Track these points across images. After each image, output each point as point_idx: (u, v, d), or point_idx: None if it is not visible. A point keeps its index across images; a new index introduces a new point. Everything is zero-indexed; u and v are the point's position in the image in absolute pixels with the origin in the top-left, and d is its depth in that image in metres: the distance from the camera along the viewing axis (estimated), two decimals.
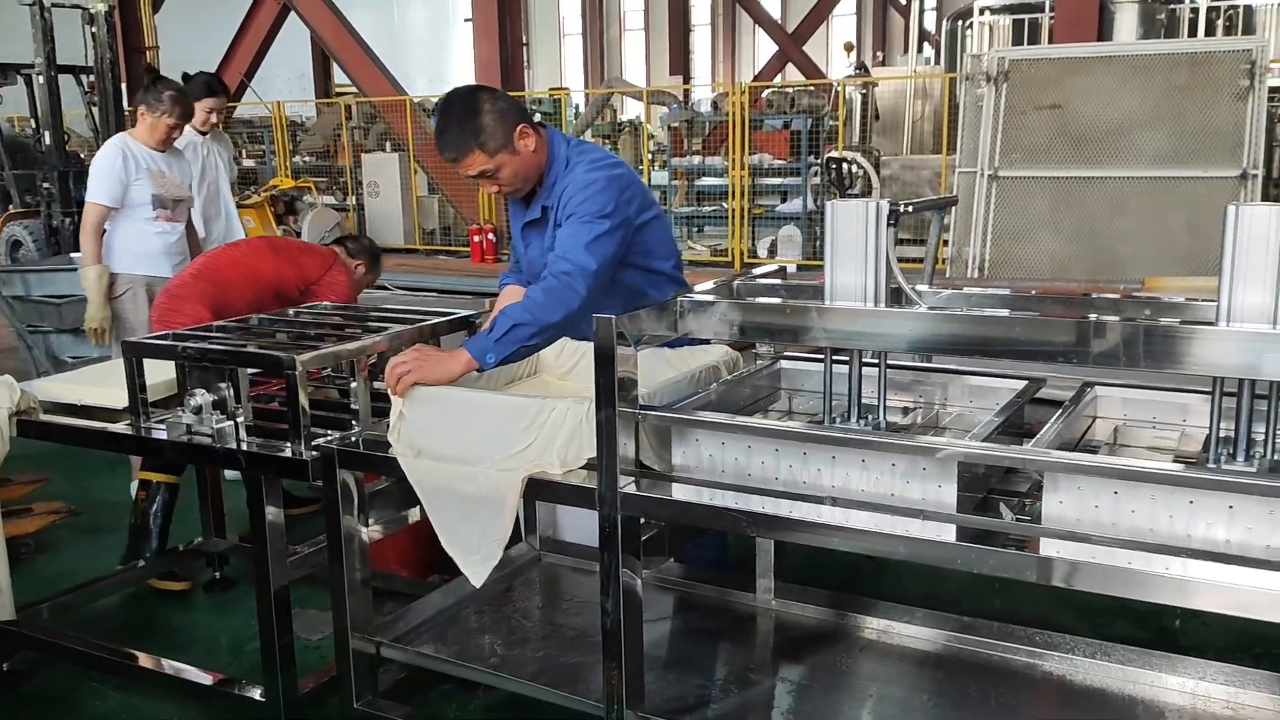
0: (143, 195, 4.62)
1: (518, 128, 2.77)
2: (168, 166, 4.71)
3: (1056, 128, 9.31)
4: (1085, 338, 1.88)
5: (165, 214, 4.67)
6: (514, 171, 2.82)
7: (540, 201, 2.93)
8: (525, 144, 2.79)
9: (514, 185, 2.87)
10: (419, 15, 34.36)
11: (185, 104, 4.68)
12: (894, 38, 31.68)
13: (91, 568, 4.04)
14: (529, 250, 3.03)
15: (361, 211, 14.44)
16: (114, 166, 4.57)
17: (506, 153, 2.77)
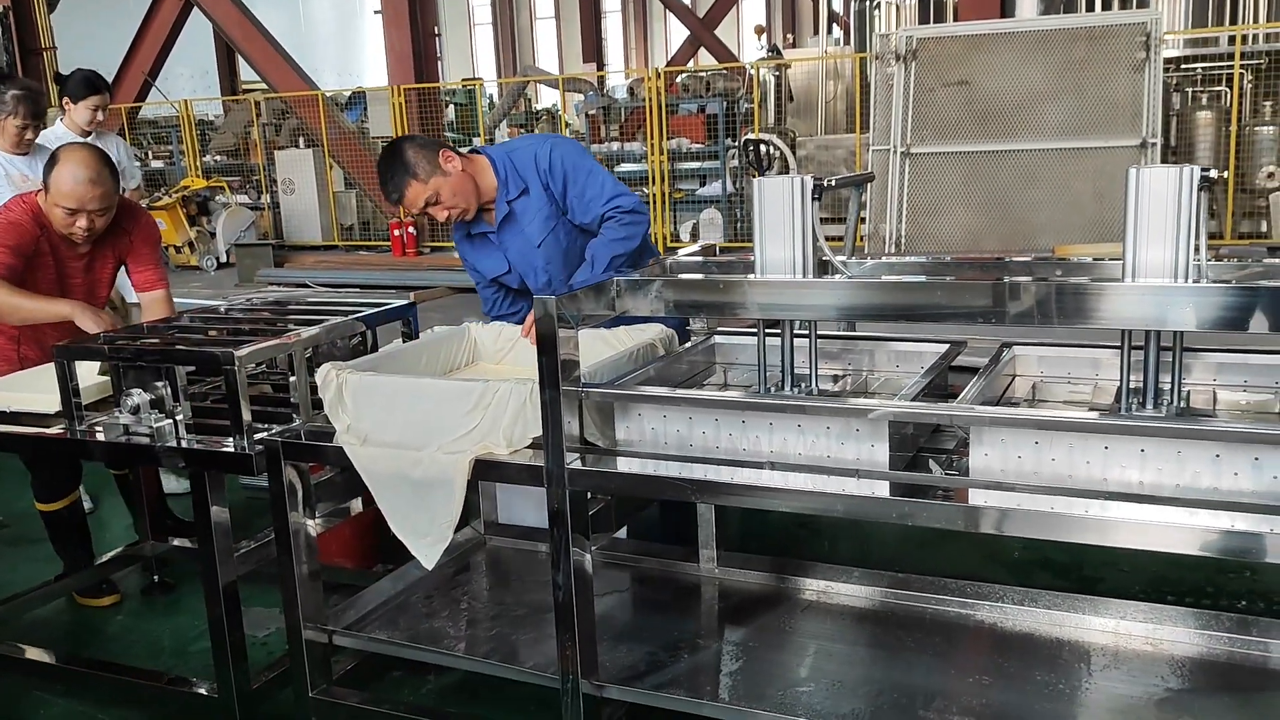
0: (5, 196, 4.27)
1: (440, 152, 3.11)
2: (30, 169, 4.42)
3: (964, 103, 9.57)
4: (1002, 299, 1.99)
5: None
6: (452, 190, 3.10)
7: (502, 201, 3.20)
8: (452, 165, 3.10)
9: (459, 203, 3.14)
10: (325, 9, 33.79)
11: (33, 102, 4.43)
12: (804, 20, 32.06)
13: (18, 580, 3.97)
14: (512, 255, 3.27)
15: (277, 209, 14.24)
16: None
17: (438, 176, 3.08)
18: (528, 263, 3.26)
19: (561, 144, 3.24)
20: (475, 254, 3.36)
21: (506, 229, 3.23)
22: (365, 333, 3.19)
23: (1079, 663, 2.50)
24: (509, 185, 3.18)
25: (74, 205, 3.31)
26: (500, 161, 3.20)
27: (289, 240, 13.92)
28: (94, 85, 5.02)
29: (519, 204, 3.20)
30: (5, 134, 4.42)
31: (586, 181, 3.13)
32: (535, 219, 3.20)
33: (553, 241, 3.21)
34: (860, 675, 2.53)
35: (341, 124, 13.81)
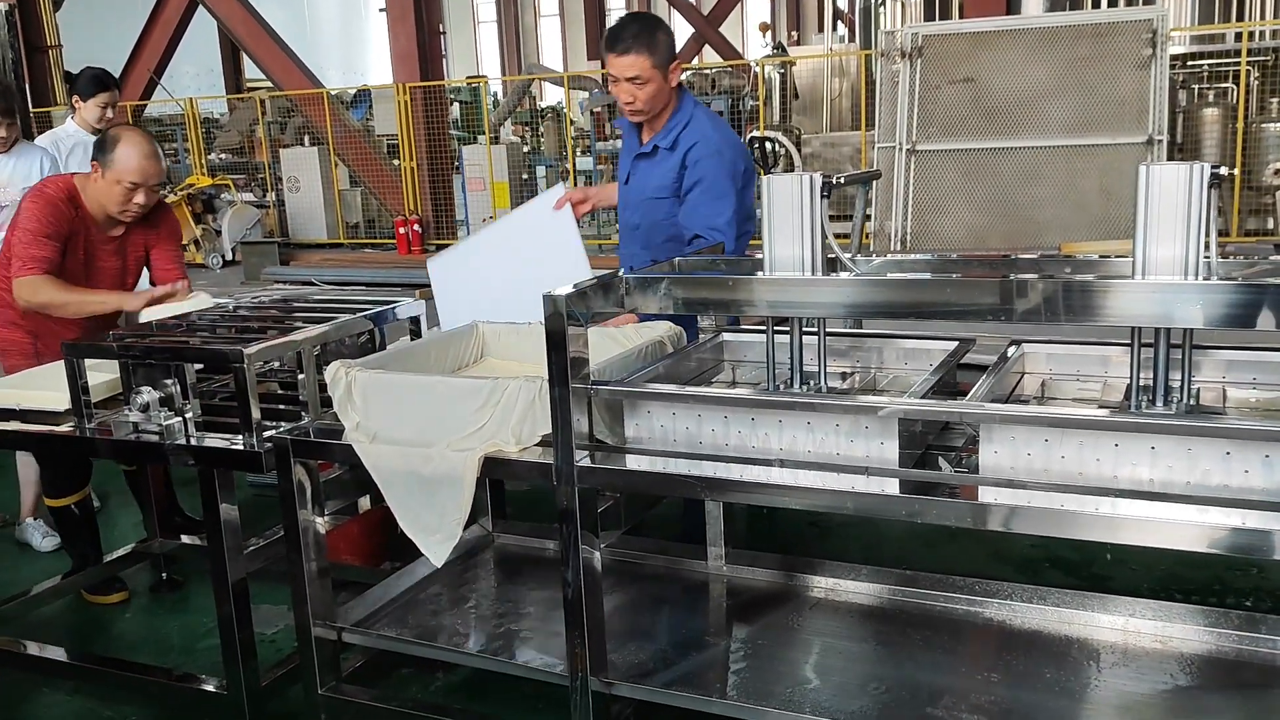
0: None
1: (676, 61, 3.22)
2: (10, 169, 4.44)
3: (970, 101, 9.54)
4: (1010, 296, 1.99)
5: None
6: (656, 90, 3.19)
7: (655, 140, 3.31)
8: (675, 77, 3.24)
9: (646, 104, 3.22)
10: (330, 7, 33.81)
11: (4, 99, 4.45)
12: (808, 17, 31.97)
13: (25, 577, 3.99)
14: (632, 180, 3.42)
15: (282, 207, 14.25)
16: None
17: (661, 74, 3.18)
18: (632, 200, 3.42)
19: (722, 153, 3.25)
20: (625, 146, 3.53)
21: (643, 160, 3.37)
22: (373, 330, 3.20)
23: (1088, 660, 2.50)
24: (670, 133, 3.27)
25: (138, 179, 3.40)
26: (684, 112, 3.29)
27: (295, 238, 13.94)
28: (103, 83, 5.04)
29: (662, 153, 3.29)
30: None
31: (711, 200, 3.19)
32: (658, 178, 3.31)
33: (654, 206, 3.33)
34: (868, 672, 2.53)
35: (347, 122, 13.81)
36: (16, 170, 4.47)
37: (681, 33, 30.64)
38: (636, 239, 3.43)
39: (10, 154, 4.47)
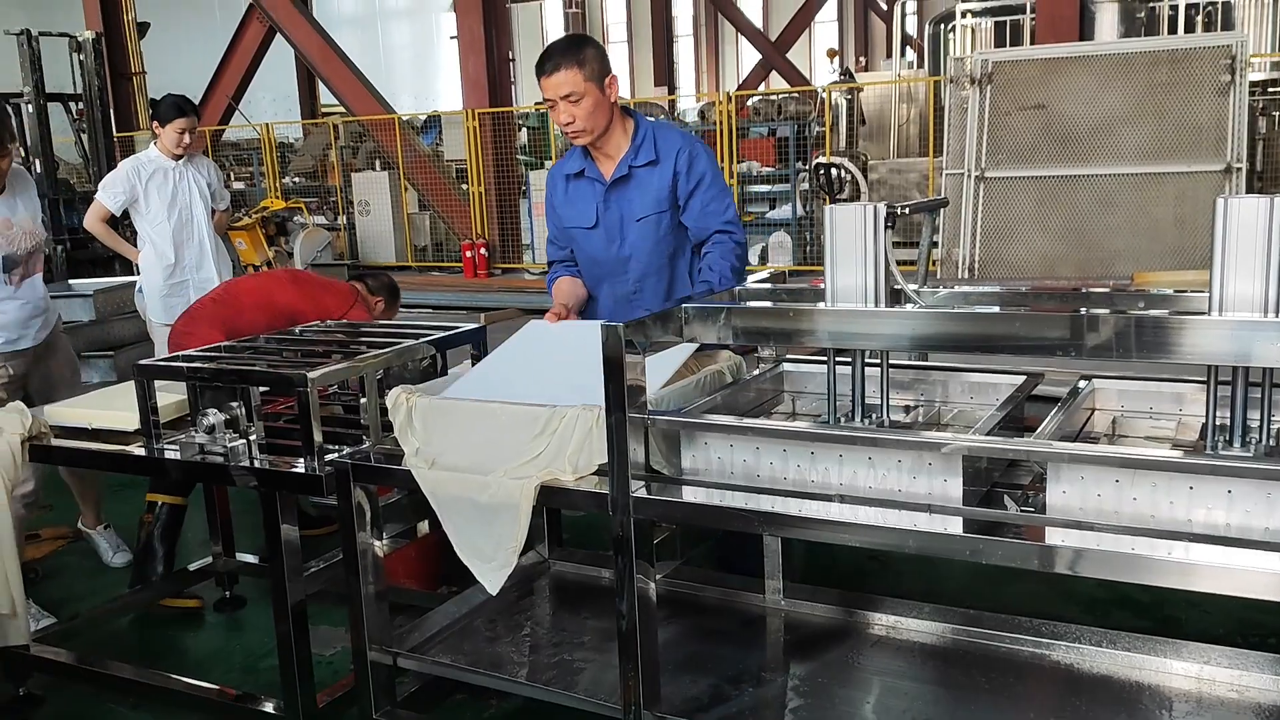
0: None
1: (609, 75, 3.14)
2: (8, 209, 3.77)
3: (1041, 127, 9.39)
4: (1081, 331, 1.94)
5: (19, 274, 3.80)
6: (593, 105, 3.09)
7: (627, 162, 3.22)
8: (610, 90, 3.14)
9: (589, 124, 3.12)
10: (404, 34, 34.48)
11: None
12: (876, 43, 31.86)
13: (98, 592, 4.08)
14: (607, 215, 3.28)
15: (353, 230, 14.48)
16: None
17: (595, 86, 3.09)
18: (615, 230, 3.27)
19: (707, 151, 3.28)
20: (567, 198, 3.36)
21: (617, 189, 3.25)
22: (435, 355, 3.21)
23: (1159, 708, 2.41)
24: (641, 150, 3.20)
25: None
26: (644, 129, 3.24)
27: (364, 261, 14.14)
28: (180, 109, 5.17)
29: (642, 172, 3.21)
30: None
31: (718, 195, 3.20)
32: (648, 195, 3.22)
33: (652, 225, 3.23)
34: (929, 714, 2.46)
35: (417, 147, 14.02)
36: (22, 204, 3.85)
37: (748, 60, 30.74)
38: (630, 271, 3.26)
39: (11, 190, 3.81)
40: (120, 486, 4.86)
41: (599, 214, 3.28)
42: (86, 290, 6.31)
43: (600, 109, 3.11)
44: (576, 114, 3.09)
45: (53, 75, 11.39)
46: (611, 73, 3.15)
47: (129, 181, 5.24)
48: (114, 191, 5.27)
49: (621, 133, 3.22)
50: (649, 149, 3.20)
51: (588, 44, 3.15)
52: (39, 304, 3.89)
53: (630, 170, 3.22)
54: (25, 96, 11.08)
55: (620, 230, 3.26)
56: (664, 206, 3.22)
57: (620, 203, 3.25)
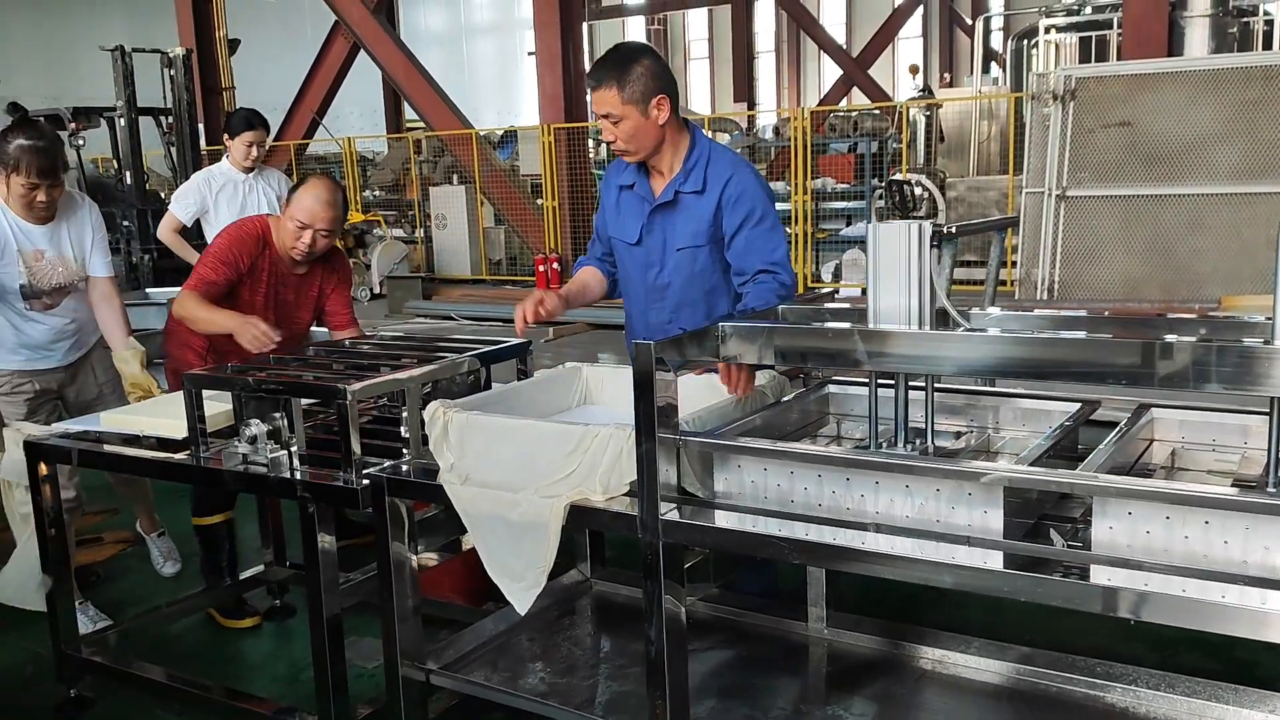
0: (9, 281, 3.68)
1: (657, 96, 2.91)
2: (49, 243, 3.72)
3: (1126, 145, 9.12)
4: (1132, 358, 1.83)
5: (43, 303, 3.77)
6: (634, 128, 2.93)
7: (674, 186, 3.05)
8: (658, 112, 2.93)
9: (628, 144, 2.98)
10: (488, 50, 34.99)
11: (45, 158, 3.52)
12: (961, 58, 31.39)
13: (156, 596, 4.15)
14: (650, 238, 3.12)
15: (429, 243, 14.68)
16: None
17: (636, 109, 2.90)
18: (657, 254, 3.11)
19: (758, 182, 3.06)
20: (617, 207, 3.21)
21: (662, 211, 3.08)
22: (479, 370, 3.19)
23: None
24: (691, 175, 3.02)
25: (306, 220, 3.54)
26: (700, 151, 3.04)
27: (440, 273, 14.33)
28: (249, 122, 5.27)
29: (689, 198, 3.03)
30: (13, 195, 3.60)
31: (767, 231, 2.97)
32: (690, 225, 3.03)
33: (689, 257, 3.06)
34: None
35: (494, 162, 14.17)
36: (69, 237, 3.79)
37: (830, 76, 30.52)
38: (666, 300, 3.12)
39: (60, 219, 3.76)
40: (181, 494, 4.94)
41: (643, 233, 3.13)
42: (160, 299, 6.45)
43: (644, 131, 2.94)
44: (618, 134, 2.95)
45: (147, 90, 11.76)
46: (661, 93, 2.92)
47: (200, 193, 5.36)
48: (185, 203, 5.39)
49: (675, 152, 3.03)
50: (698, 176, 3.01)
51: (637, 60, 2.91)
52: (66, 328, 3.85)
53: (677, 195, 3.04)
54: (118, 110, 11.47)
55: (662, 255, 3.10)
56: (701, 240, 3.03)
57: (665, 226, 3.08)
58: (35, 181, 3.53)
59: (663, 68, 2.96)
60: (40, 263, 3.72)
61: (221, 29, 15.83)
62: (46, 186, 3.56)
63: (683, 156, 3.04)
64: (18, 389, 3.82)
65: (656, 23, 36.60)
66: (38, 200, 3.59)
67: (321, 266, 3.84)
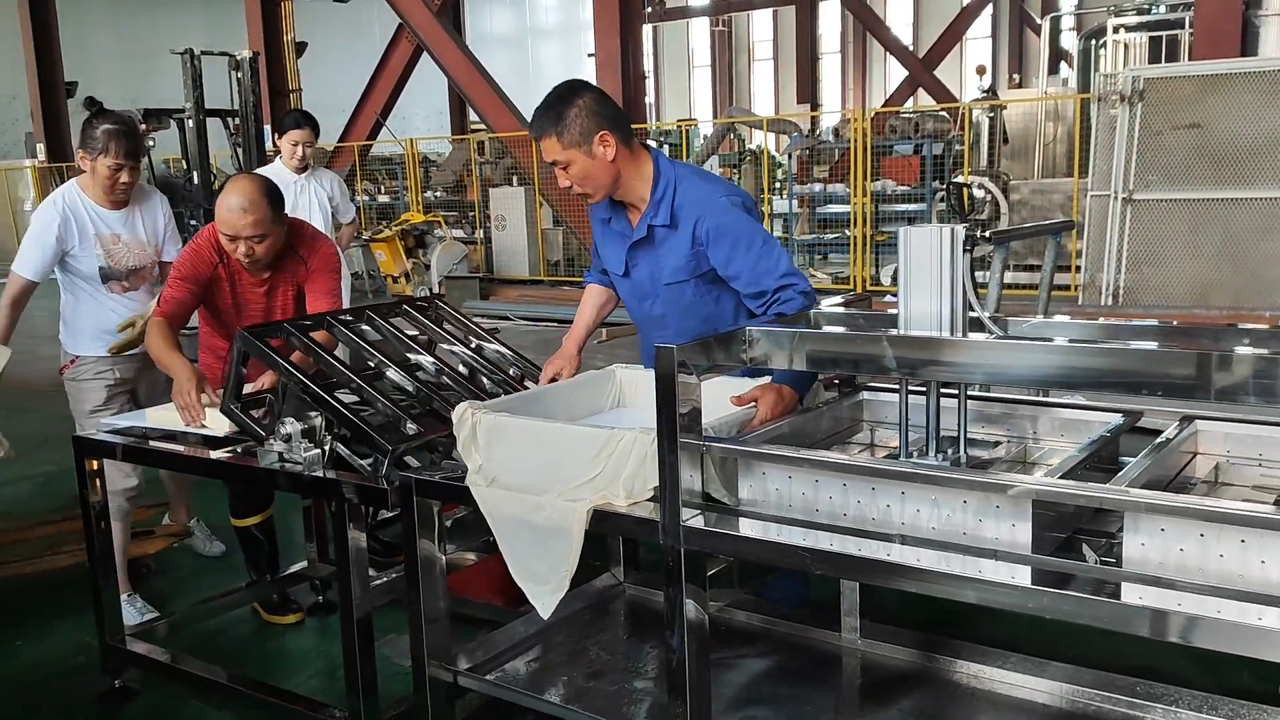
0: (89, 266, 3.86)
1: (599, 134, 2.79)
2: (125, 226, 3.91)
3: (1195, 147, 8.89)
4: (1166, 369, 1.76)
5: (121, 285, 3.94)
6: (583, 171, 2.82)
7: (646, 221, 2.93)
8: (603, 150, 2.81)
9: (583, 186, 2.87)
10: (553, 53, 35.20)
11: (129, 140, 3.77)
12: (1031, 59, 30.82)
13: (205, 588, 4.21)
14: (636, 271, 3.04)
15: (489, 244, 14.79)
16: (49, 232, 3.78)
17: (580, 151, 2.79)
18: (647, 287, 3.02)
19: (733, 207, 2.88)
20: (603, 238, 3.12)
21: (642, 246, 2.98)
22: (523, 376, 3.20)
23: None
24: (660, 209, 2.89)
25: (228, 231, 3.36)
26: (666, 179, 2.89)
27: (499, 274, 14.43)
28: (296, 121, 5.35)
29: (662, 233, 2.92)
30: (96, 178, 3.80)
31: (762, 252, 2.82)
32: (671, 260, 2.93)
33: (678, 292, 2.96)
34: None
35: None
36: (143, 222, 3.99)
37: (896, 76, 30.18)
38: (667, 329, 3.01)
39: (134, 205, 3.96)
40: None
41: (629, 267, 3.04)
42: None
43: (594, 171, 2.82)
44: (570, 179, 2.84)
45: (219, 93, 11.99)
46: (601, 129, 2.77)
47: None
48: None
49: (640, 183, 2.90)
50: (665, 209, 2.88)
51: (570, 102, 2.77)
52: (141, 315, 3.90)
53: (649, 231, 2.93)
54: (187, 112, 11.70)
55: (651, 288, 3.01)
56: (684, 276, 2.92)
57: (649, 261, 2.98)
58: (120, 162, 3.73)
59: (601, 102, 2.83)
60: (117, 245, 3.90)
61: (290, 32, 16.12)
62: (129, 168, 3.78)
63: (650, 186, 2.91)
64: (99, 375, 3.94)
65: (721, 24, 36.50)
66: (120, 181, 3.78)
67: (290, 259, 3.64)
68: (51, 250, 3.80)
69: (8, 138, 25.49)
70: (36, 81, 20.21)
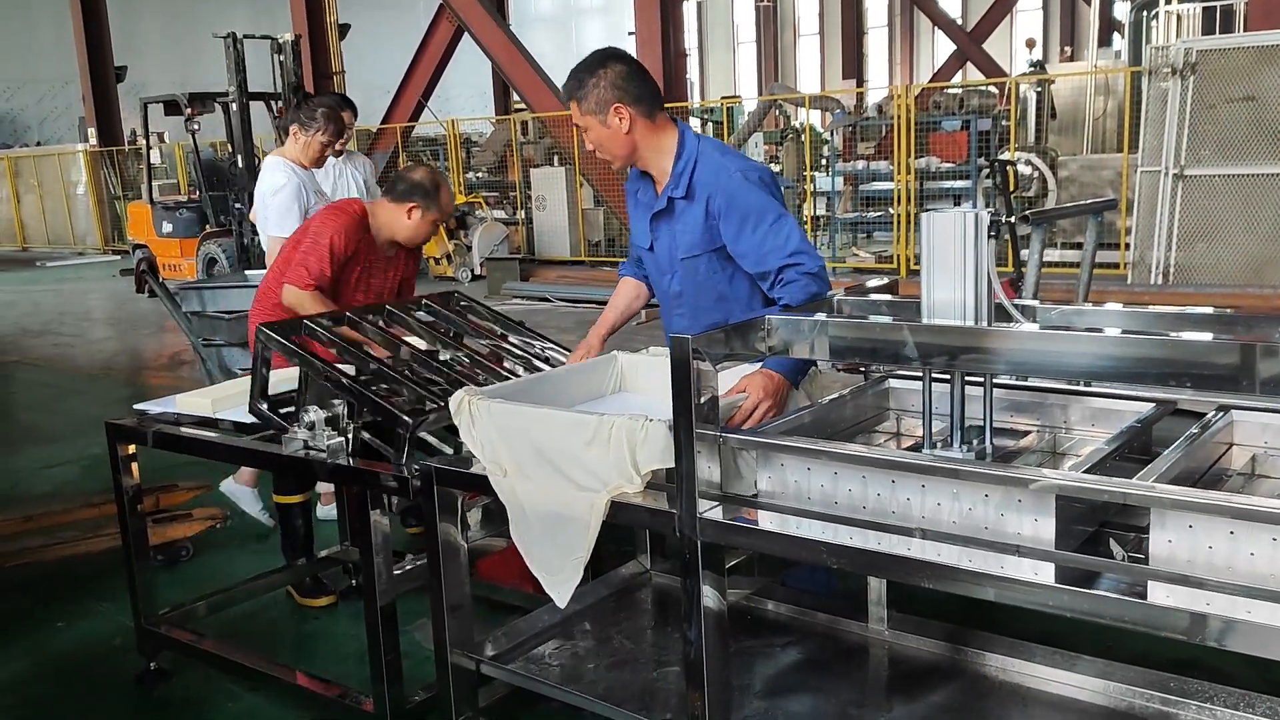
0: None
1: (613, 105, 2.83)
2: (327, 185, 4.87)
3: (1250, 121, 8.66)
4: (1191, 361, 1.69)
5: None
6: (599, 139, 2.91)
7: (667, 193, 2.95)
8: (617, 122, 2.85)
9: (601, 152, 2.96)
10: (596, 31, 35.06)
11: (338, 120, 4.72)
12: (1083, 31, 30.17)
13: (241, 570, 4.25)
14: (658, 244, 3.05)
15: (530, 224, 14.79)
16: (296, 195, 4.59)
17: (595, 119, 2.87)
18: (667, 261, 3.02)
19: (748, 182, 2.85)
20: (634, 212, 3.13)
21: (663, 217, 2.99)
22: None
23: None
24: (680, 181, 2.90)
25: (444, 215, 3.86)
26: (688, 154, 2.90)
27: (540, 255, 14.43)
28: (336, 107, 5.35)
29: (681, 205, 2.93)
30: (309, 150, 4.71)
31: (772, 228, 2.78)
32: (688, 234, 2.93)
33: (692, 266, 2.95)
34: None
35: None
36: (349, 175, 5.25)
37: (944, 50, 29.68)
38: (683, 307, 3.01)
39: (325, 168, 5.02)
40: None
41: (652, 240, 3.05)
42: (257, 281, 6.60)
43: (611, 140, 2.87)
44: (589, 143, 2.95)
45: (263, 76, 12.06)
46: (617, 102, 2.81)
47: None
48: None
49: (663, 156, 2.92)
50: (684, 182, 2.89)
51: (594, 71, 2.83)
52: None
53: (670, 203, 2.94)
54: (230, 96, 11.78)
55: (670, 264, 3.01)
56: (698, 250, 2.91)
57: (669, 233, 2.98)
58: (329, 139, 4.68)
59: (627, 75, 2.84)
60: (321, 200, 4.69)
61: (332, 14, 16.17)
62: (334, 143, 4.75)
63: (673, 159, 2.92)
64: None
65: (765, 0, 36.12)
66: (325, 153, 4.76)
67: (403, 249, 4.03)
68: (300, 207, 4.55)
69: (62, 123, 25.95)
70: (88, 67, 20.51)
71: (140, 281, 13.55)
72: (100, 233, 21.49)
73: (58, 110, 26.20)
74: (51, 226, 22.60)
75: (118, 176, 20.86)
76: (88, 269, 19.43)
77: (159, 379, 9.08)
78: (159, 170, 16.15)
